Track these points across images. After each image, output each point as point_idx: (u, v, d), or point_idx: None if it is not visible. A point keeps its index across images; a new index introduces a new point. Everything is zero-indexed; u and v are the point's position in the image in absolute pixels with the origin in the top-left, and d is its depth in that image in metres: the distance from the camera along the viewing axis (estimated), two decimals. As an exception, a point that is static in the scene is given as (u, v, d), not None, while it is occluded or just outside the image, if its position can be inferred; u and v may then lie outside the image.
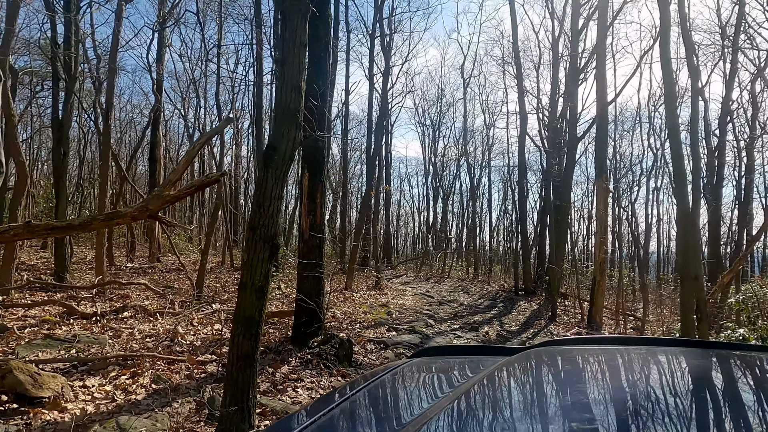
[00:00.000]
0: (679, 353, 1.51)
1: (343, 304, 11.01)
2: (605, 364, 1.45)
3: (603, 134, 10.71)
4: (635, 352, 1.56)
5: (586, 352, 1.61)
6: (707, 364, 1.39)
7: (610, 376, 1.33)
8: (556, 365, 1.43)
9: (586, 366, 1.46)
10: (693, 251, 5.73)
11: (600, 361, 1.48)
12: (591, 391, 1.16)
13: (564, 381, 1.27)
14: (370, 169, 13.37)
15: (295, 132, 3.87)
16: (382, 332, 8.19)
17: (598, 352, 1.58)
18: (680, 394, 1.13)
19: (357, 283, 15.45)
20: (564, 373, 1.35)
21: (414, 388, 1.39)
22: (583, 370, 1.43)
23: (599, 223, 10.44)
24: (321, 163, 6.23)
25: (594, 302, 10.39)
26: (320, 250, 6.19)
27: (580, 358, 1.52)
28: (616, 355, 1.53)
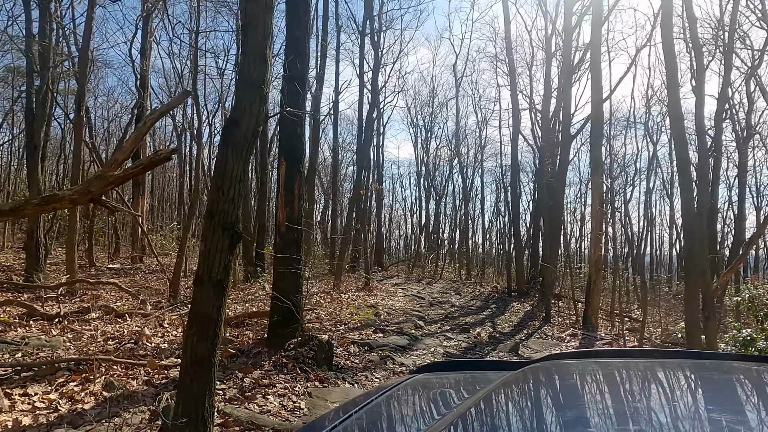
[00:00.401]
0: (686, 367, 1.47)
1: (330, 305, 10.52)
2: (610, 380, 1.40)
3: (598, 130, 10.33)
4: (642, 367, 1.51)
5: (590, 366, 1.55)
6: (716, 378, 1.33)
7: (615, 392, 1.30)
8: (559, 381, 1.40)
9: (591, 381, 1.41)
10: (699, 244, 5.32)
11: (605, 376, 1.43)
12: (595, 408, 1.12)
13: (568, 397, 1.24)
14: (360, 168, 12.91)
15: (259, 105, 3.40)
16: (368, 334, 7.70)
17: (602, 367, 1.53)
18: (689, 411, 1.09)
19: (346, 284, 14.96)
20: (568, 389, 1.33)
21: (416, 405, 1.37)
22: (587, 386, 1.38)
23: (595, 220, 10.04)
24: (299, 151, 5.75)
25: (589, 303, 9.97)
26: (298, 245, 5.70)
27: (584, 373, 1.47)
28: (621, 369, 1.49)
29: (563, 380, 1.39)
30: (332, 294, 12.46)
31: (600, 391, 1.31)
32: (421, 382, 1.51)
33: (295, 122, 5.71)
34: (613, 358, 1.71)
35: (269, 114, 3.57)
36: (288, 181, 5.68)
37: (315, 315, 8.80)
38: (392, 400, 1.33)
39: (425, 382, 1.52)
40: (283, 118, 5.77)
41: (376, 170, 26.65)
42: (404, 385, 1.44)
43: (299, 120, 5.72)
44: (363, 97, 15.72)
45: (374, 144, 26.61)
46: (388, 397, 1.33)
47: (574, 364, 1.57)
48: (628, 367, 1.52)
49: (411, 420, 1.23)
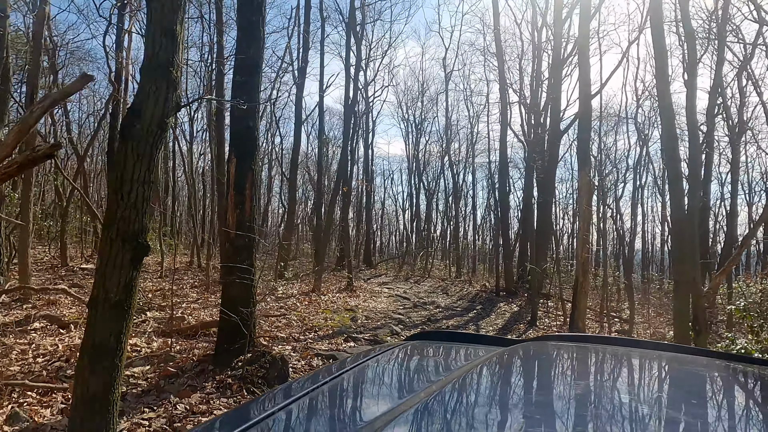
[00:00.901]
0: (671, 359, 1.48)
1: (306, 308, 9.96)
2: (599, 362, 1.43)
3: (586, 125, 9.78)
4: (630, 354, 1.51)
5: (581, 349, 1.56)
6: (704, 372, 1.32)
7: (602, 374, 1.31)
8: (550, 359, 1.41)
9: (580, 362, 1.42)
10: (689, 250, 4.80)
11: (594, 359, 1.45)
12: (581, 386, 1.12)
13: (556, 375, 1.25)
14: (342, 162, 12.30)
15: (166, 92, 2.82)
16: (338, 343, 7.15)
17: (593, 350, 1.55)
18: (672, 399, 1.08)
19: (328, 285, 14.40)
20: (557, 368, 1.34)
21: (407, 370, 1.37)
22: (576, 366, 1.39)
23: (582, 220, 9.50)
24: (251, 146, 5.17)
25: (576, 305, 9.44)
26: (250, 252, 5.13)
27: (574, 354, 1.49)
28: (612, 354, 1.50)
29: (552, 359, 1.39)
30: (311, 296, 11.91)
31: (586, 372, 1.30)
32: (413, 348, 1.50)
33: (247, 115, 5.12)
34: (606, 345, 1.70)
35: (182, 102, 2.98)
36: (238, 180, 5.09)
37: (285, 321, 8.25)
38: (381, 364, 1.32)
39: (419, 349, 1.52)
40: (234, 110, 5.19)
41: (365, 166, 26.08)
42: (394, 350, 1.43)
43: (251, 112, 5.13)
44: (349, 91, 15.08)
45: (363, 140, 26.06)
46: (378, 360, 1.33)
47: (565, 346, 1.56)
48: (618, 352, 1.51)
49: (396, 386, 1.22)
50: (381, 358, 1.37)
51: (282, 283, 12.82)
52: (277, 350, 5.76)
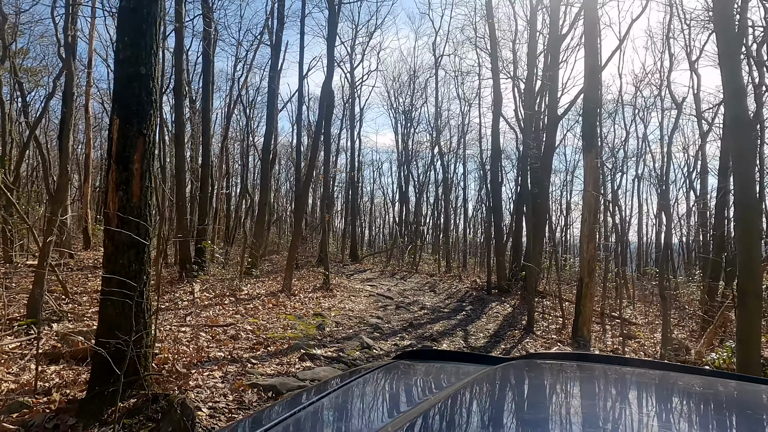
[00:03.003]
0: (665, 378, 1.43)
1: (267, 314, 8.42)
2: (584, 383, 1.36)
3: (593, 101, 8.25)
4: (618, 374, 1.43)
5: (566, 368, 1.50)
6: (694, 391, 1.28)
7: (586, 396, 1.25)
8: (534, 380, 1.37)
9: (564, 383, 1.36)
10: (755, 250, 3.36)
11: (579, 380, 1.39)
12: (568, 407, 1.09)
13: (539, 397, 1.21)
14: (315, 146, 10.74)
15: None
16: (290, 363, 5.61)
17: (579, 370, 1.48)
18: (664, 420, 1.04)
19: (303, 283, 12.84)
20: (540, 389, 1.30)
21: (393, 390, 1.34)
22: (560, 388, 1.32)
23: (587, 209, 8.00)
24: (142, 103, 3.57)
25: (581, 311, 7.97)
26: (138, 252, 3.54)
27: (559, 374, 1.43)
28: (596, 374, 1.43)
29: (537, 380, 1.37)
30: (279, 296, 10.36)
31: (572, 394, 1.25)
32: (398, 368, 1.48)
33: (138, 57, 3.53)
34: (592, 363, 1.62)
35: None
36: (122, 150, 3.49)
37: (233, 332, 6.69)
38: (367, 385, 1.29)
39: (403, 369, 1.49)
40: (119, 50, 3.59)
41: (351, 155, 24.48)
42: (381, 371, 1.41)
43: (144, 54, 3.54)
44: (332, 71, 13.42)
45: (349, 127, 24.42)
46: (364, 381, 1.30)
47: (551, 364, 1.53)
48: (605, 373, 1.45)
49: (382, 406, 1.18)
50: (368, 378, 1.32)
51: (247, 282, 11.27)
52: (190, 385, 4.21)
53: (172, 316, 7.36)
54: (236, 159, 22.36)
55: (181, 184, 10.78)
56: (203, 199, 11.44)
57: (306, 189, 11.21)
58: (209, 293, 9.64)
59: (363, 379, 1.31)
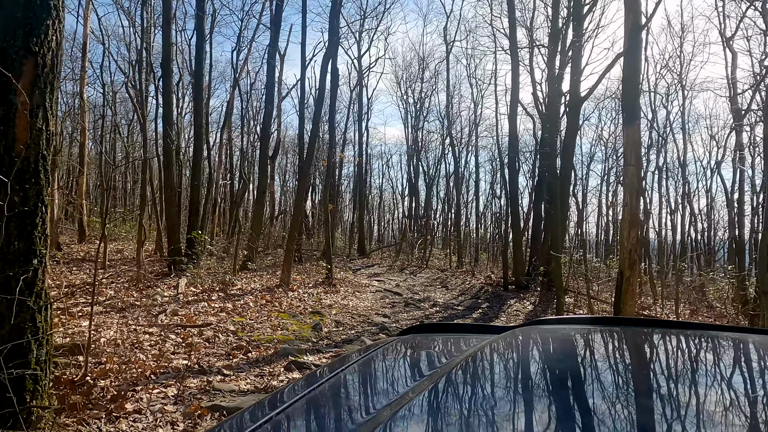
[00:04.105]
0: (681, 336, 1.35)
1: (258, 312, 7.29)
2: (592, 346, 1.30)
3: (634, 65, 6.97)
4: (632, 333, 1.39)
5: (573, 332, 1.44)
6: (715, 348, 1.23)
7: (599, 355, 1.22)
8: (543, 344, 1.32)
9: (572, 347, 1.29)
10: None
11: (592, 342, 1.32)
12: (578, 370, 1.05)
13: (550, 360, 1.18)
14: (314, 132, 9.52)
15: None
16: (273, 372, 4.46)
17: (587, 333, 1.41)
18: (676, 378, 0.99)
19: (305, 277, 11.72)
20: (551, 352, 1.25)
21: (401, 366, 1.33)
22: (572, 350, 1.27)
23: (629, 190, 6.74)
24: (32, 5, 2.43)
25: (621, 310, 6.72)
26: (24, 221, 2.40)
27: (566, 338, 1.37)
28: (609, 335, 1.39)
29: (546, 344, 1.31)
30: (276, 292, 9.23)
31: (582, 356, 1.20)
32: (407, 342, 1.46)
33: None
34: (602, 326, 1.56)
35: None
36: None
37: (210, 333, 5.55)
38: (378, 360, 1.28)
39: (411, 343, 1.46)
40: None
41: (359, 146, 23.32)
42: (390, 346, 1.39)
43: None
44: (337, 43, 12.18)
45: (357, 117, 23.24)
46: (374, 356, 1.28)
47: (558, 329, 1.47)
48: (617, 333, 1.40)
49: (396, 379, 1.17)
50: (378, 353, 1.30)
51: (243, 277, 10.16)
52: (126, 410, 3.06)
53: (145, 314, 6.25)
54: (245, 149, 21.24)
55: (169, 169, 9.70)
56: (195, 186, 10.34)
57: (305, 173, 10.05)
58: (197, 288, 8.54)
59: (372, 356, 1.27)
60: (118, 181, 26.38)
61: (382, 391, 1.05)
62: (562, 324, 1.61)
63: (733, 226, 17.12)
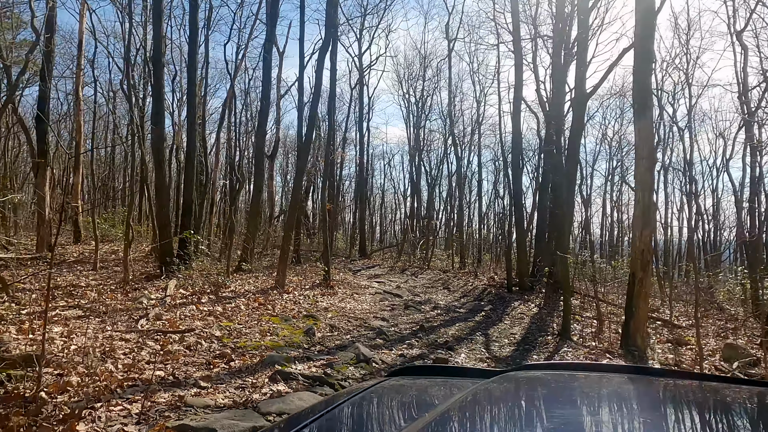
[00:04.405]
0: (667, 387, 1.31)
1: (249, 315, 6.89)
2: (583, 394, 1.28)
3: (646, 53, 6.54)
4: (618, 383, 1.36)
5: (563, 379, 1.42)
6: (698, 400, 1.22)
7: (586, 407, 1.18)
8: (530, 392, 1.32)
9: (562, 395, 1.28)
10: None
11: (578, 391, 1.30)
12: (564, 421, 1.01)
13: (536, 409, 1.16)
14: (310, 125, 9.11)
15: None
16: (256, 384, 4.05)
17: (577, 380, 1.40)
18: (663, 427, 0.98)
19: (302, 279, 11.32)
20: (537, 402, 1.25)
21: (386, 410, 1.29)
22: (558, 399, 1.25)
23: (641, 187, 6.31)
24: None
25: (633, 314, 6.28)
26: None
27: (556, 385, 1.35)
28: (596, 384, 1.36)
29: (534, 392, 1.32)
30: (270, 294, 8.84)
31: (570, 405, 1.17)
32: (393, 386, 1.43)
33: None
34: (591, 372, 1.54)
35: None
36: None
37: (193, 339, 5.15)
38: (362, 404, 1.24)
39: (398, 387, 1.44)
40: None
41: (360, 146, 22.92)
42: (376, 389, 1.34)
43: None
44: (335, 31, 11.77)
45: (357, 116, 22.85)
46: (359, 400, 1.24)
47: (548, 375, 1.48)
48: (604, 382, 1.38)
49: (379, 425, 1.15)
50: (363, 396, 1.24)
51: (237, 278, 9.77)
52: None
53: (126, 318, 5.86)
54: (242, 148, 20.84)
55: (160, 167, 9.31)
56: (188, 185, 9.95)
57: (302, 170, 9.65)
58: (187, 290, 8.15)
59: (356, 399, 1.20)
60: (118, 182, 26.08)
61: None
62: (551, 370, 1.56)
63: (742, 225, 16.64)
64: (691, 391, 1.28)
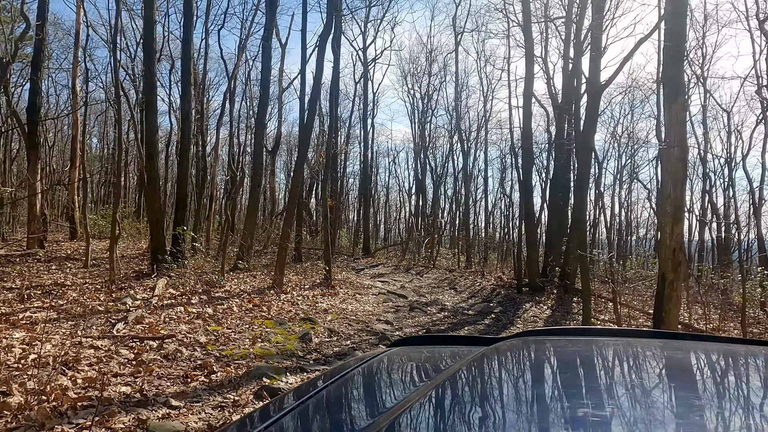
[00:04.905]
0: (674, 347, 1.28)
1: (239, 319, 6.30)
2: (590, 356, 1.25)
3: (677, 28, 5.89)
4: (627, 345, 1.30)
5: (565, 344, 1.37)
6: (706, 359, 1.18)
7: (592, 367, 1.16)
8: (536, 355, 1.28)
9: (564, 359, 1.23)
10: None
11: (580, 355, 1.26)
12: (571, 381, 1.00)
13: (539, 374, 1.14)
14: (311, 113, 8.53)
15: None
16: (237, 402, 3.47)
17: (580, 345, 1.36)
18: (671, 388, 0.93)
19: (302, 278, 10.73)
20: (539, 366, 1.22)
21: (391, 378, 1.28)
22: (559, 363, 1.21)
23: (672, 178, 5.67)
24: None
25: (664, 319, 5.64)
26: None
27: (558, 350, 1.30)
28: (603, 346, 1.33)
29: (534, 357, 1.28)
30: (267, 294, 8.26)
31: (571, 370, 1.13)
32: (396, 355, 1.40)
33: None
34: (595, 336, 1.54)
35: None
36: None
37: (173, 347, 4.56)
38: (367, 373, 1.23)
39: (401, 356, 1.41)
40: None
41: (364, 143, 22.32)
42: (379, 358, 1.33)
43: None
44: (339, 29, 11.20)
45: (361, 112, 22.25)
46: (363, 369, 1.23)
47: (550, 340, 1.43)
48: (612, 344, 1.34)
49: (385, 392, 1.13)
50: (367, 366, 1.23)
51: (234, 277, 9.20)
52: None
53: (103, 321, 5.29)
54: (242, 143, 20.26)
55: (151, 160, 8.75)
56: (182, 179, 9.38)
57: (300, 163, 9.06)
58: (177, 290, 7.58)
59: (361, 369, 1.20)
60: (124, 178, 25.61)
61: (370, 407, 1.03)
62: (552, 336, 1.53)
63: (759, 224, 15.90)
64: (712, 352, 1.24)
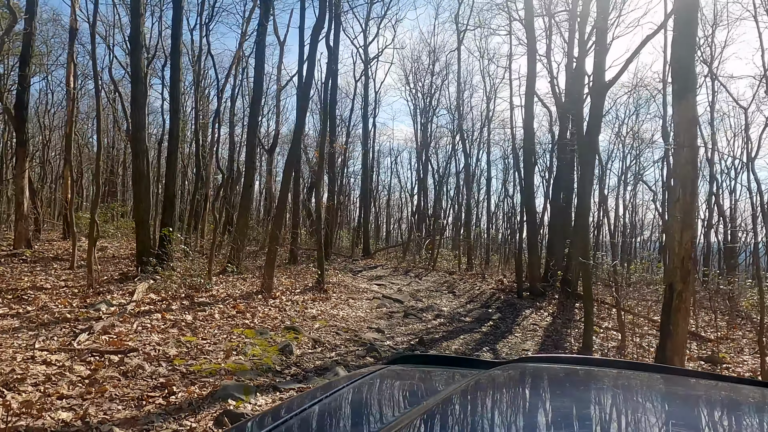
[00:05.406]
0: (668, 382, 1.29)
1: (218, 328, 5.91)
2: (581, 387, 1.25)
3: (688, 20, 5.45)
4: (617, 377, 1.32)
5: (563, 371, 1.39)
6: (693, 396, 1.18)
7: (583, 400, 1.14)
8: (530, 384, 1.29)
9: (560, 387, 1.26)
10: None
11: (580, 385, 1.27)
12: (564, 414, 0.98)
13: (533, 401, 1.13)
14: (305, 104, 8.12)
15: None
16: (198, 429, 3.08)
17: (576, 374, 1.38)
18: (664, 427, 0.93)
19: (294, 281, 10.34)
20: (536, 393, 1.21)
21: (383, 398, 1.28)
22: (556, 391, 1.22)
23: (682, 181, 5.23)
24: None
25: (670, 332, 5.20)
26: None
27: (555, 378, 1.33)
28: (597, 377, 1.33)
29: (528, 384, 1.29)
30: (254, 299, 7.87)
31: (564, 398, 1.14)
32: (391, 374, 1.39)
33: None
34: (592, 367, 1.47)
35: None
36: None
37: (135, 362, 4.17)
38: (360, 391, 1.22)
39: (398, 374, 1.41)
40: None
41: (364, 142, 21.92)
42: (374, 376, 1.32)
43: None
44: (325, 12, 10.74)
45: (363, 111, 21.85)
46: (357, 386, 1.23)
47: (545, 369, 1.42)
48: (604, 376, 1.33)
49: (376, 412, 1.11)
50: (361, 383, 1.23)
51: (223, 281, 8.82)
52: None
53: (66, 331, 4.91)
54: (235, 142, 19.89)
55: (138, 158, 8.39)
56: (170, 177, 9.03)
57: (291, 161, 8.67)
58: (158, 295, 7.21)
59: (354, 386, 1.19)
60: (117, 175, 25.30)
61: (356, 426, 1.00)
62: (547, 363, 1.49)
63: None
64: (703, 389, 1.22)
